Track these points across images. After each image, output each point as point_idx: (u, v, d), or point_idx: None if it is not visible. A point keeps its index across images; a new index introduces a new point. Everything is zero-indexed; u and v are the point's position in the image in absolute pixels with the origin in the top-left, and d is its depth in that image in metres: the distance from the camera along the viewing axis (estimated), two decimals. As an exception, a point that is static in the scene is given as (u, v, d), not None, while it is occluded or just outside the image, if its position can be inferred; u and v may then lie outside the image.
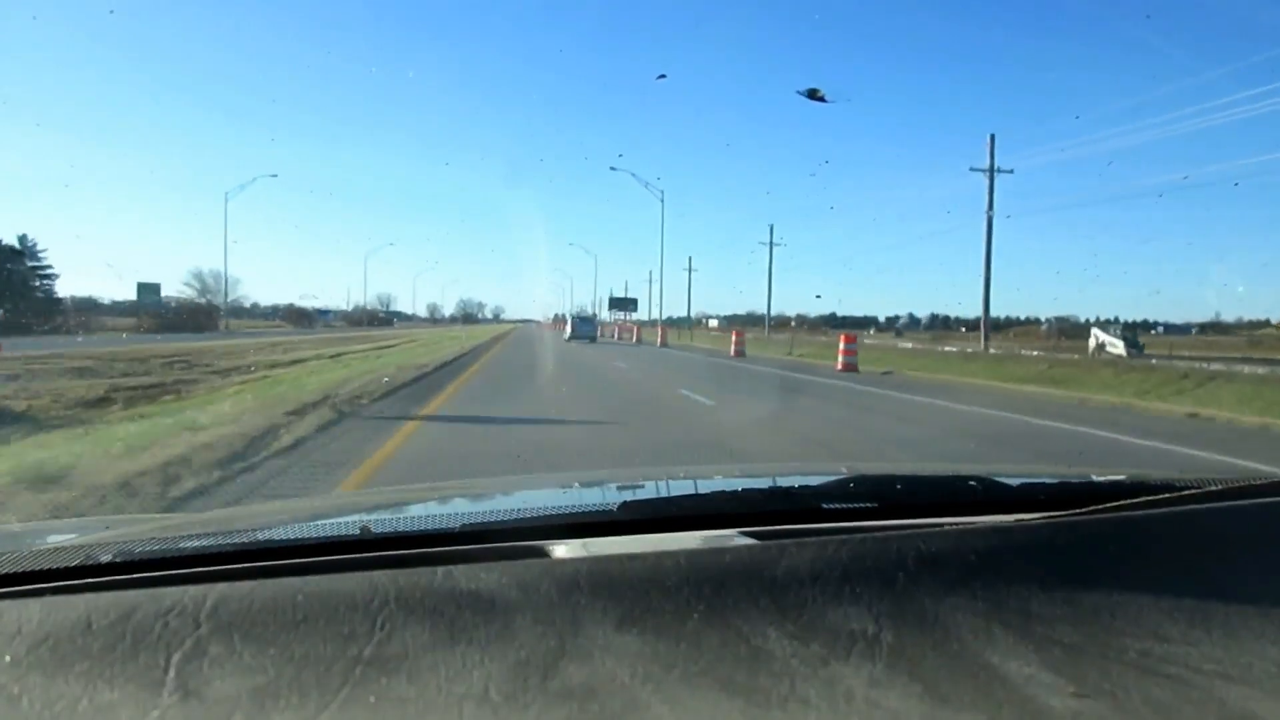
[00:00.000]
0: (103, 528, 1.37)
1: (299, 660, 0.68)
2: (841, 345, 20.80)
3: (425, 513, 1.30)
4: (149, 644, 0.69)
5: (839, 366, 20.00)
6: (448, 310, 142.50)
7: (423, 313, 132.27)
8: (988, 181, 27.00)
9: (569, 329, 44.21)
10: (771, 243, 45.76)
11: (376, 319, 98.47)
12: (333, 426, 8.10)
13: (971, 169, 27.33)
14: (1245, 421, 10.90)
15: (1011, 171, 27.74)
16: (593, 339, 42.71)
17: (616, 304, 79.10)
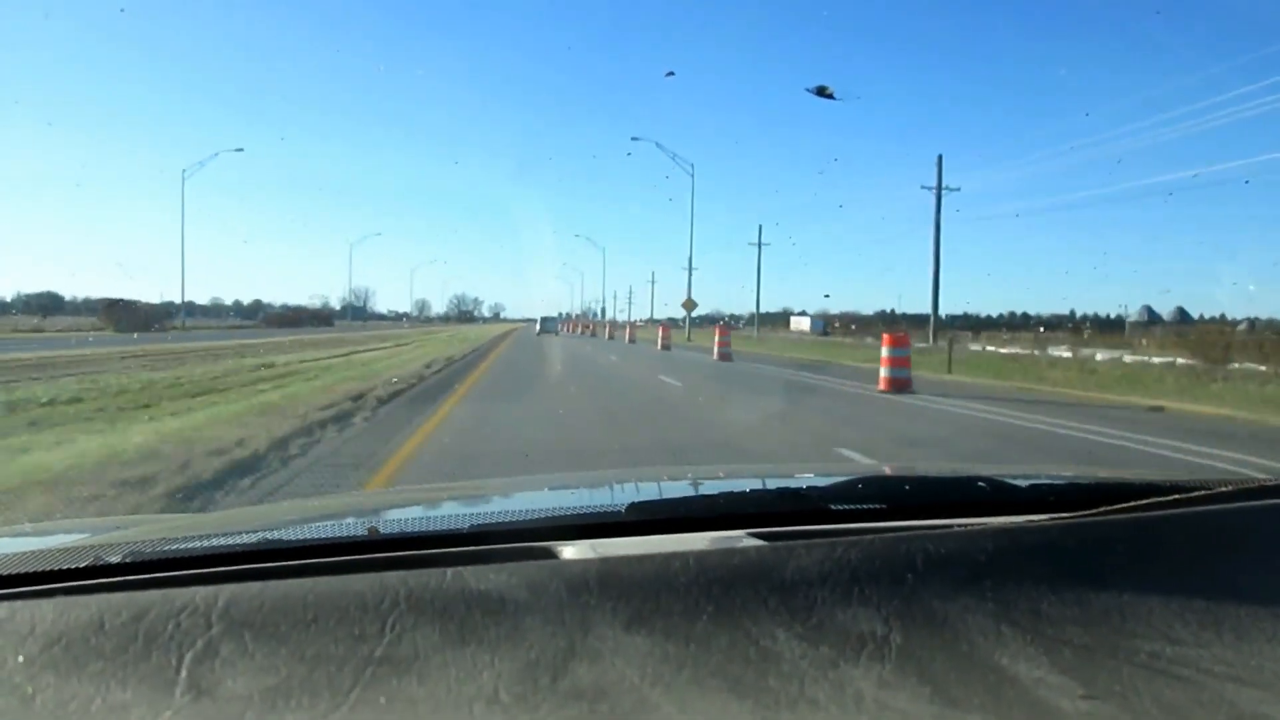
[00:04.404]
0: (114, 528, 1.38)
1: (310, 660, 0.68)
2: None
3: (434, 514, 1.30)
4: (161, 644, 0.70)
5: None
6: (439, 307, 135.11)
7: (415, 310, 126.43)
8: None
9: (538, 326, 58.82)
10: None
11: (307, 318, 76.43)
12: None
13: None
14: None
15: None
16: (555, 332, 56.24)
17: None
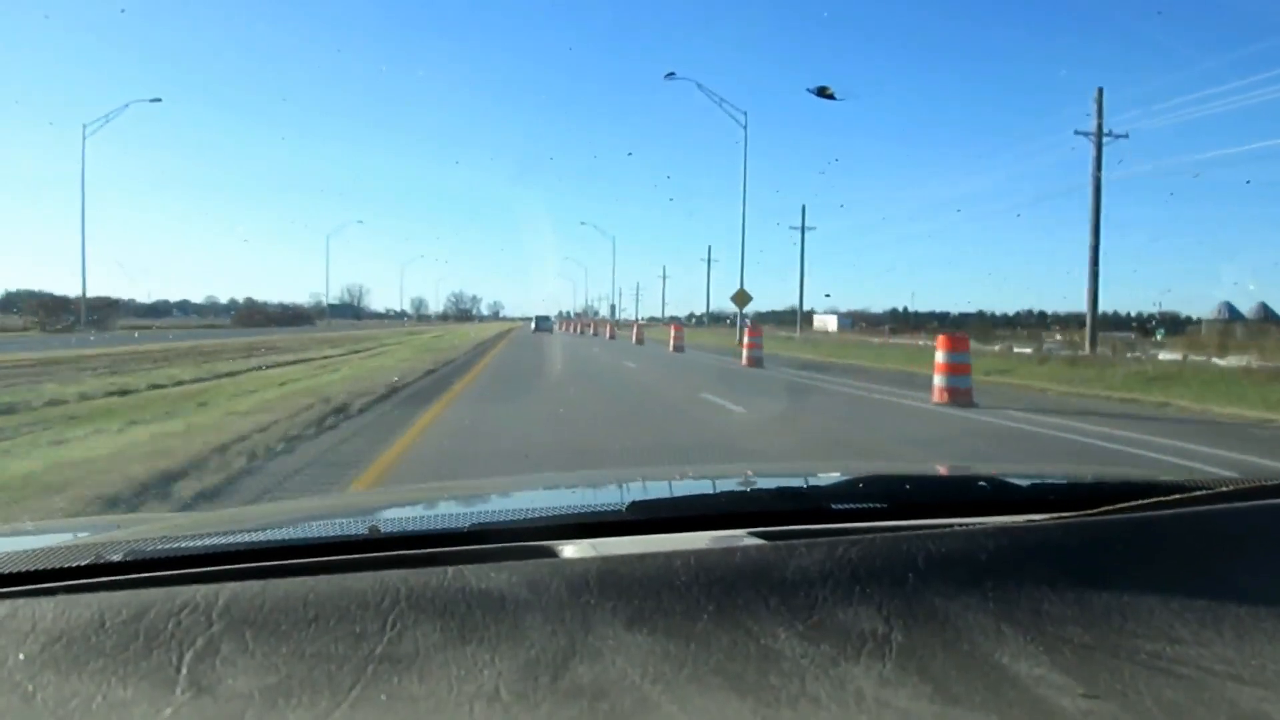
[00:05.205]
0: (114, 527, 1.38)
1: (311, 658, 0.68)
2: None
3: (434, 512, 1.30)
4: (162, 642, 0.70)
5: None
6: (437, 305, 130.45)
7: (410, 308, 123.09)
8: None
9: (533, 325, 60.83)
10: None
11: (285, 317, 66.70)
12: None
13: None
14: None
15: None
16: (550, 331, 56.29)
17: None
